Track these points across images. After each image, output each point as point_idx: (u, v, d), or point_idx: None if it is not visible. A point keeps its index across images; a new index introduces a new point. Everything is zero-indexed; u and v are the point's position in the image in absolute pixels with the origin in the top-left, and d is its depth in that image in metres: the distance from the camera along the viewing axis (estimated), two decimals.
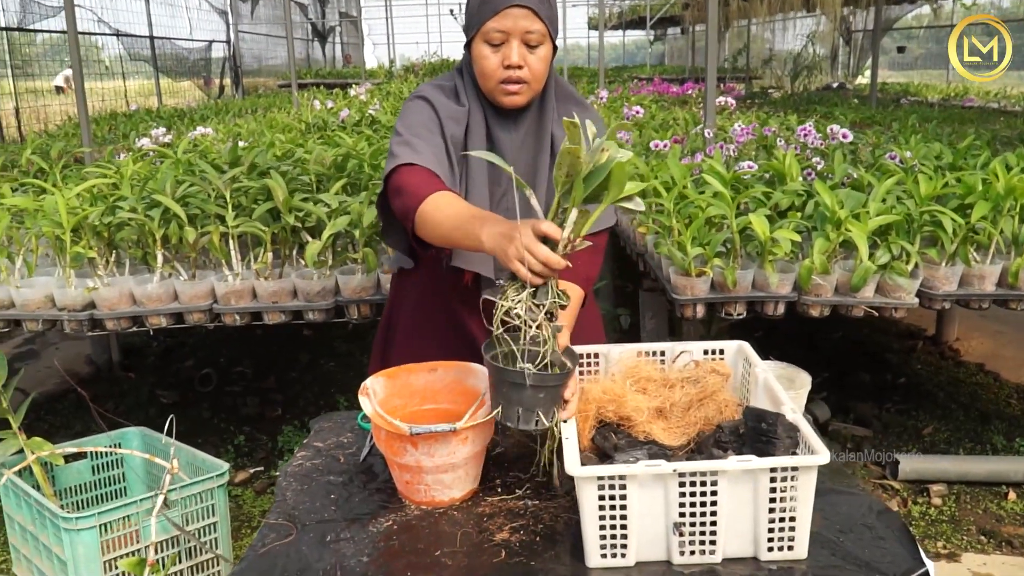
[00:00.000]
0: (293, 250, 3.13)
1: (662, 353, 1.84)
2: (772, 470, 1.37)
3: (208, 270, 3.09)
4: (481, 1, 1.84)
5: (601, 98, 6.85)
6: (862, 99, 10.47)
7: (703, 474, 1.37)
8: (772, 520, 1.39)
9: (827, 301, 2.85)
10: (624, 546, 1.40)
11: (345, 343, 5.01)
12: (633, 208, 1.45)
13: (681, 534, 1.39)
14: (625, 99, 8.18)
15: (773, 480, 1.37)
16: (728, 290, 2.84)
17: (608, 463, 1.53)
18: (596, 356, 1.84)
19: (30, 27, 9.84)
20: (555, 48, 1.90)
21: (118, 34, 12.33)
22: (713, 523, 1.39)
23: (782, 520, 1.40)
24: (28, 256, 3.14)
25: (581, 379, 1.84)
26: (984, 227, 2.88)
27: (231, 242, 2.96)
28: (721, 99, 5.56)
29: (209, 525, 2.63)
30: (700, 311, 2.88)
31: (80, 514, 2.42)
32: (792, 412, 1.52)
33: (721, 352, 1.84)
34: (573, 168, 1.36)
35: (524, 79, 1.85)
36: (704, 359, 1.82)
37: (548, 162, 1.96)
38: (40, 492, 2.62)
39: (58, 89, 11.86)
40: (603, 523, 1.39)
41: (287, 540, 1.53)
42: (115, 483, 2.99)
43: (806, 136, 4.00)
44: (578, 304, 1.94)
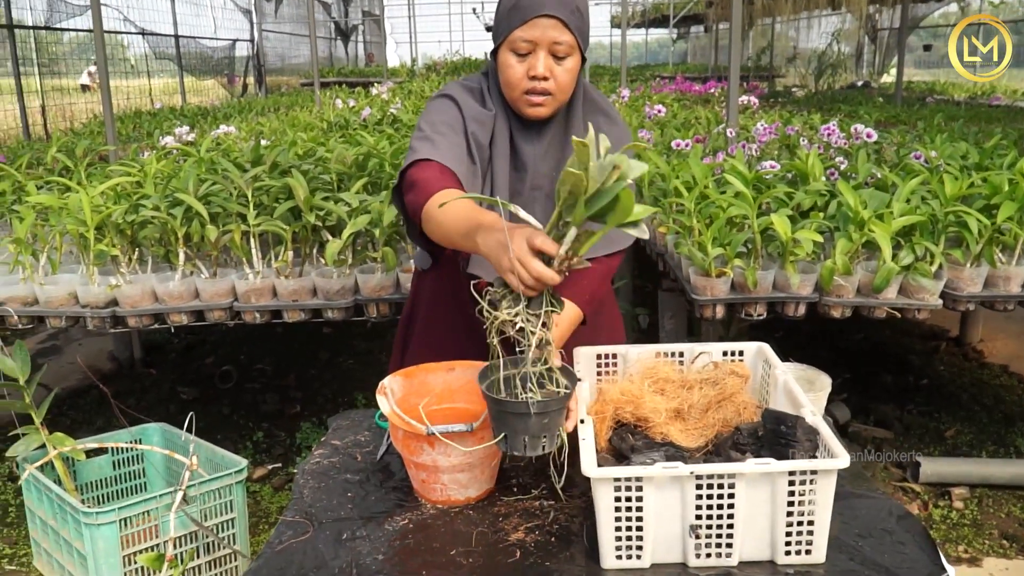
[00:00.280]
0: (313, 249, 3.15)
1: (680, 354, 1.83)
2: (791, 473, 1.36)
3: (229, 268, 3.10)
4: (510, 8, 1.78)
5: (623, 97, 6.82)
6: (887, 98, 10.39)
7: (720, 476, 1.36)
8: (790, 524, 1.38)
9: (849, 302, 2.82)
10: (640, 548, 1.40)
11: (364, 341, 5.03)
12: (637, 235, 1.37)
13: (697, 536, 1.38)
14: (647, 98, 8.15)
15: (792, 483, 1.36)
16: (748, 291, 2.82)
17: (625, 464, 1.52)
18: (614, 357, 1.84)
19: (57, 26, 9.94)
20: (584, 60, 1.85)
21: (143, 33, 12.44)
22: (730, 526, 1.38)
23: (800, 524, 1.38)
24: (52, 253, 3.17)
25: (599, 379, 1.84)
26: (1010, 228, 2.84)
27: (252, 240, 2.97)
28: (744, 98, 5.52)
29: (227, 521, 2.65)
30: (720, 312, 2.87)
31: (100, 509, 2.45)
32: (812, 415, 1.50)
33: (740, 353, 1.83)
34: (576, 188, 1.31)
35: (549, 91, 1.80)
36: (723, 360, 1.81)
37: None
38: (61, 487, 2.65)
39: (84, 87, 11.97)
40: (619, 524, 1.38)
41: (303, 537, 1.53)
42: (136, 478, 3.02)
43: (829, 135, 3.97)
44: (573, 324, 1.84)
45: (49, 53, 10.18)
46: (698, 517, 1.38)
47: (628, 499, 1.37)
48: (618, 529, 1.38)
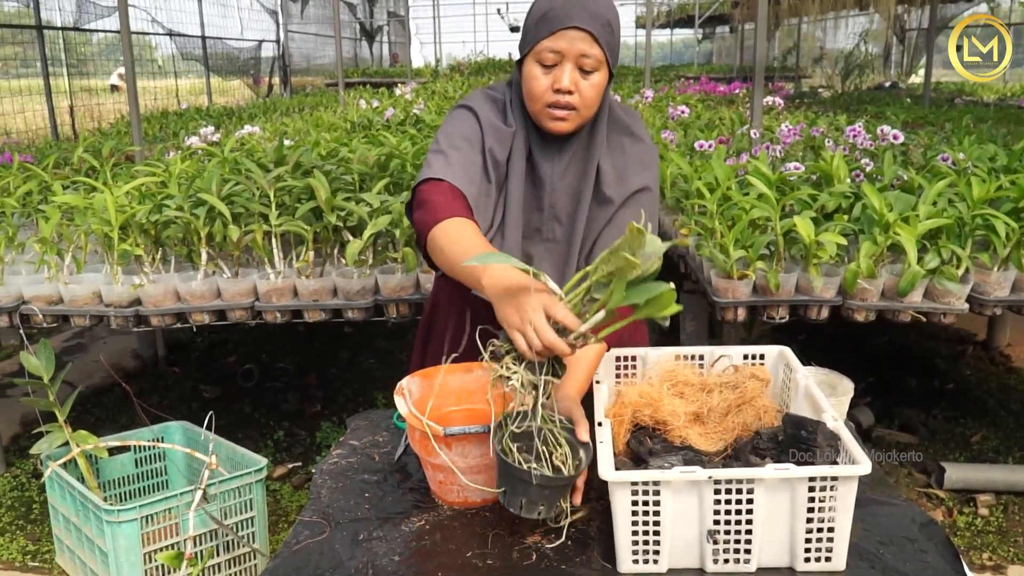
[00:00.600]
0: (334, 249, 3.15)
1: (700, 357, 1.82)
2: (811, 479, 1.34)
3: (251, 268, 3.12)
4: (538, 18, 1.72)
5: (646, 98, 6.80)
6: (915, 99, 10.27)
7: (739, 481, 1.34)
8: (810, 530, 1.36)
9: (873, 306, 2.79)
10: (656, 552, 1.38)
11: (385, 340, 5.04)
12: (664, 324, 1.35)
13: (715, 542, 1.37)
14: (671, 99, 8.11)
15: (812, 489, 1.34)
16: (770, 293, 2.80)
17: (643, 468, 1.51)
18: (633, 359, 1.83)
19: (85, 27, 10.05)
20: (611, 75, 1.78)
21: (171, 34, 12.54)
22: (748, 532, 1.37)
23: (820, 531, 1.36)
24: (77, 253, 3.20)
25: (618, 382, 1.83)
26: None
27: (274, 240, 2.99)
28: (768, 99, 5.47)
29: (247, 519, 2.66)
30: (741, 314, 2.84)
31: (121, 506, 2.46)
32: (833, 420, 1.48)
33: (761, 357, 1.81)
34: (621, 273, 1.28)
35: (573, 105, 1.74)
36: (744, 364, 1.79)
37: (591, 194, 1.85)
38: (84, 484, 2.67)
39: (113, 87, 12.09)
40: (636, 528, 1.37)
41: (320, 537, 1.54)
42: (158, 476, 3.04)
43: (855, 137, 3.93)
44: (597, 360, 1.75)
45: (78, 54, 10.28)
46: (716, 522, 1.36)
47: (645, 503, 1.35)
48: (635, 533, 1.37)
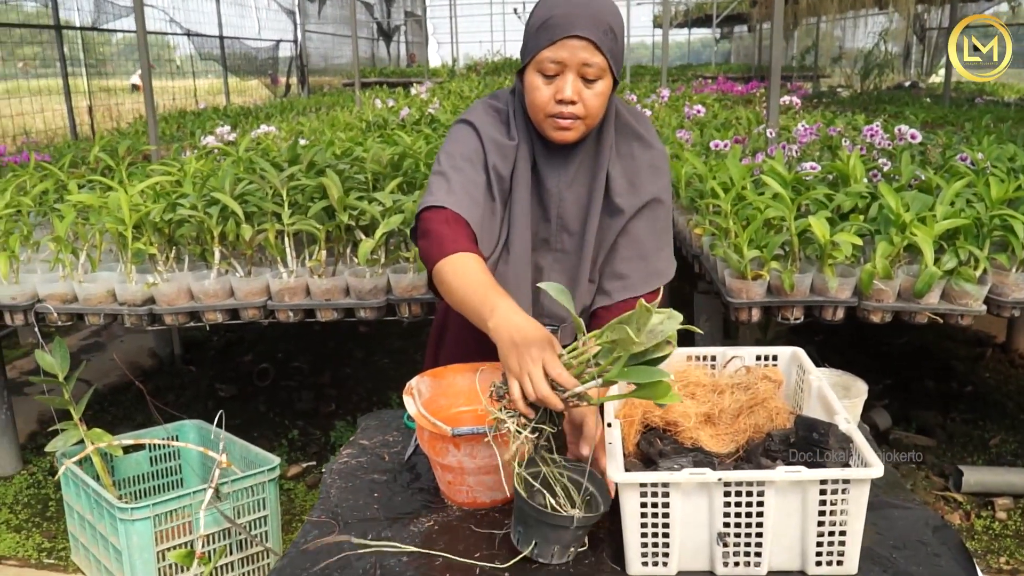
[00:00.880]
0: (347, 248, 3.16)
1: (712, 358, 1.80)
2: (822, 482, 1.32)
3: (264, 267, 3.12)
4: (538, 27, 1.68)
5: (663, 97, 6.77)
6: (935, 98, 10.17)
7: (749, 484, 1.33)
8: (821, 534, 1.35)
9: (889, 307, 2.76)
10: (666, 555, 1.37)
11: (400, 340, 5.05)
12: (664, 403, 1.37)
13: (725, 544, 1.36)
14: (687, 98, 8.07)
15: (823, 492, 1.33)
16: (785, 294, 2.77)
17: (652, 469, 1.49)
18: None
19: (104, 27, 10.10)
20: (615, 83, 1.73)
21: (189, 34, 12.60)
22: (759, 534, 1.35)
23: (831, 534, 1.35)
24: (92, 252, 3.22)
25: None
26: None
27: (286, 240, 2.99)
28: (786, 98, 5.44)
29: (260, 518, 2.66)
30: (755, 315, 2.82)
31: (135, 504, 2.47)
32: (846, 422, 1.47)
33: (774, 358, 1.79)
34: (623, 346, 1.30)
35: (577, 115, 1.70)
36: (756, 365, 1.77)
37: (601, 204, 1.82)
38: (99, 482, 2.68)
39: (134, 87, 12.15)
40: (645, 531, 1.36)
41: (329, 537, 1.53)
42: (172, 474, 3.05)
43: (872, 137, 3.89)
44: None
45: (97, 54, 10.34)
46: (726, 525, 1.35)
47: (655, 505, 1.34)
48: (644, 535, 1.36)
